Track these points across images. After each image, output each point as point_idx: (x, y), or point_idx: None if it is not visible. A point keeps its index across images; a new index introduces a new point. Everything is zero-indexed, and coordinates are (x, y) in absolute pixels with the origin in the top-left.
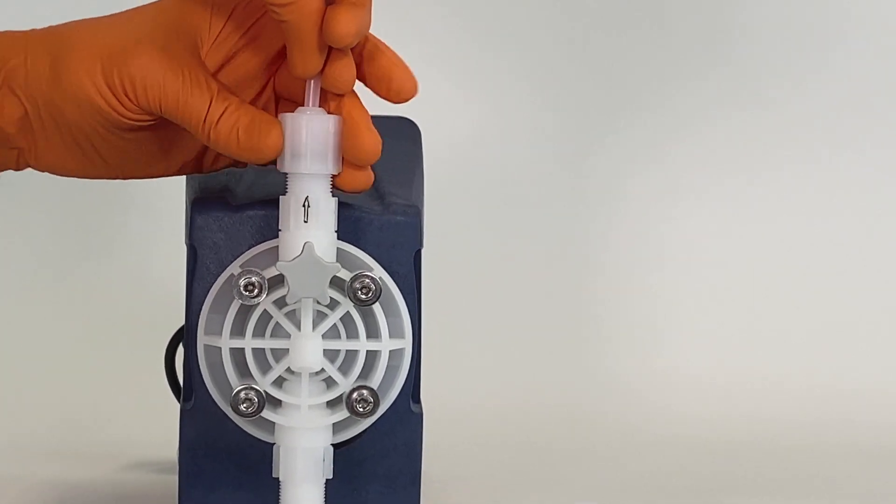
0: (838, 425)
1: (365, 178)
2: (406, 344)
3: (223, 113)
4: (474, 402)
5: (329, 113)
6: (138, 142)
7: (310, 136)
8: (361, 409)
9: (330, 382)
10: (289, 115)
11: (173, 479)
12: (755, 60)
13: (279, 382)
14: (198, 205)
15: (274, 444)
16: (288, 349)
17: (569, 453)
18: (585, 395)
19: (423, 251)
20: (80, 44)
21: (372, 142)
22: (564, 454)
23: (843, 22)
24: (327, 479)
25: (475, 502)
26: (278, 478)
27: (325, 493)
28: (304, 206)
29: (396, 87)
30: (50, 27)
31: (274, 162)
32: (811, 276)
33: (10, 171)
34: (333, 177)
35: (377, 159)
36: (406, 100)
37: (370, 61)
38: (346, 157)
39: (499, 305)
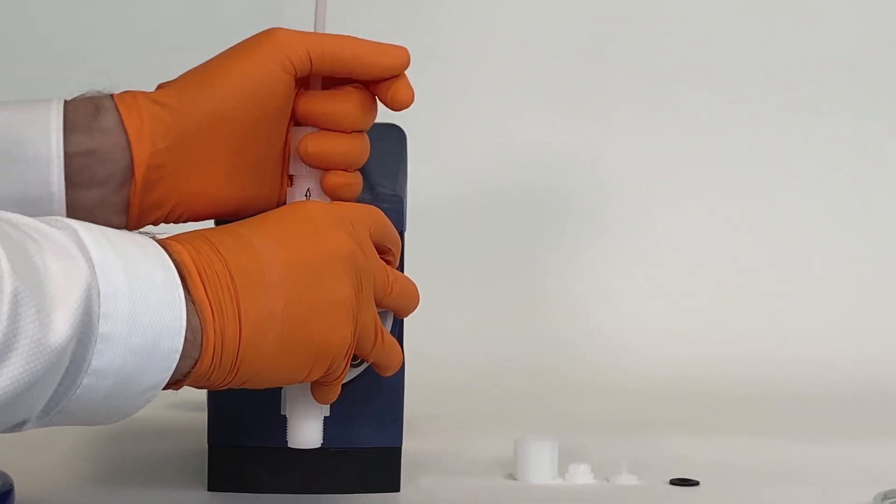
0: (763, 369)
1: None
2: None
3: None
4: (449, 354)
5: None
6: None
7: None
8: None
9: None
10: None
11: (203, 416)
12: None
13: None
14: None
15: (283, 387)
16: None
17: (524, 396)
18: (538, 350)
19: (405, 233)
20: None
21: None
22: (521, 397)
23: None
24: (325, 417)
25: (449, 437)
26: (286, 415)
27: (324, 429)
28: (306, 195)
29: (400, 97)
30: None
31: None
32: (745, 236)
33: None
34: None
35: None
36: (405, 108)
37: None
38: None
39: (468, 275)
